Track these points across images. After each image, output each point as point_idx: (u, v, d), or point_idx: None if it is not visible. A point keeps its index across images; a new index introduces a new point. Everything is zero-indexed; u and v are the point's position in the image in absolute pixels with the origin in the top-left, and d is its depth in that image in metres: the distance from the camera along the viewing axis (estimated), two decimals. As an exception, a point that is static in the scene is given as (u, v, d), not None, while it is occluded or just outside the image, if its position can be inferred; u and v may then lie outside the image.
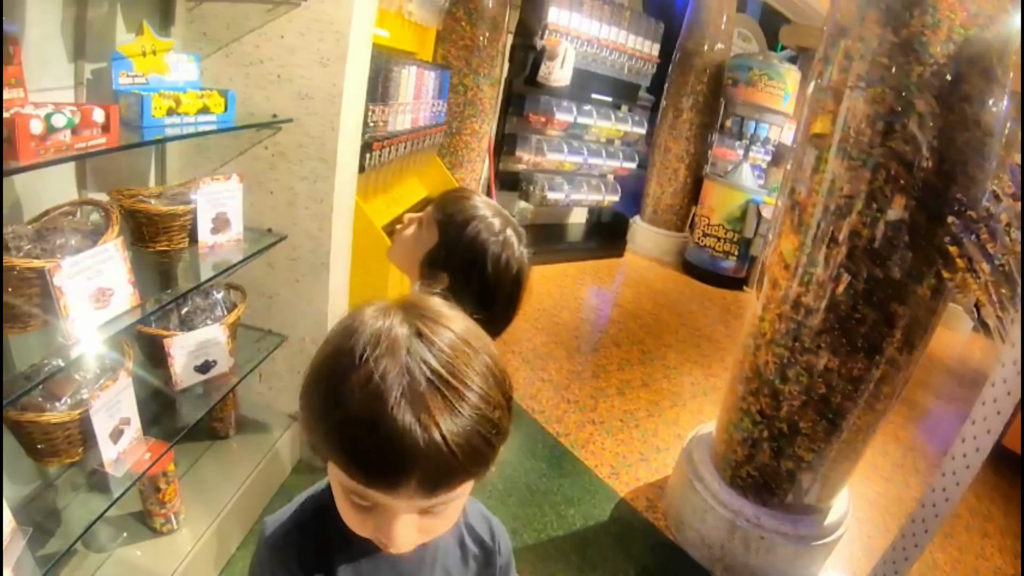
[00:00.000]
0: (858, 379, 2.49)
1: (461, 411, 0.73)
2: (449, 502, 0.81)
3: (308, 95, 2.45)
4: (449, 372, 0.74)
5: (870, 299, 2.37)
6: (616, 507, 3.29)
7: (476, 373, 0.77)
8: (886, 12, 2.19)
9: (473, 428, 0.74)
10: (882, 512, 3.67)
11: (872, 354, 2.44)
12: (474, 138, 5.47)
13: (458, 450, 0.72)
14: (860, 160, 2.28)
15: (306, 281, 2.76)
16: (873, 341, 2.42)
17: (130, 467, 1.91)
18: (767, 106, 7.28)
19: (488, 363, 0.80)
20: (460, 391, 0.74)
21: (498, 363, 0.83)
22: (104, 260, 1.67)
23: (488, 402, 0.76)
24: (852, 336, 2.43)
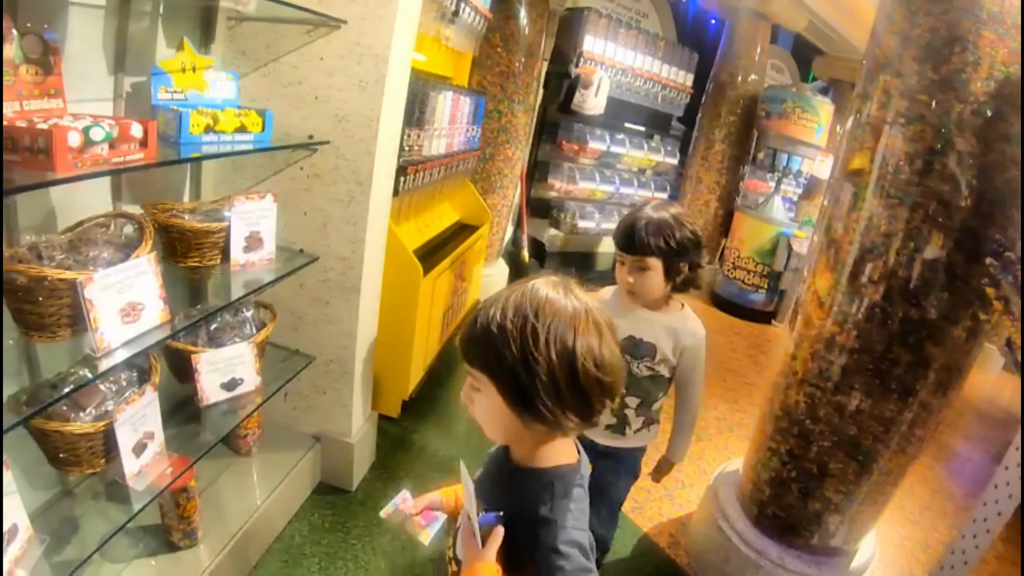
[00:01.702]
0: (890, 421, 2.43)
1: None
2: None
3: (345, 117, 2.46)
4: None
5: (905, 340, 2.32)
6: (639, 542, 3.24)
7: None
8: (926, 49, 2.16)
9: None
10: (908, 557, 3.57)
11: (905, 396, 2.38)
12: (507, 164, 5.48)
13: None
14: (898, 198, 2.24)
15: (336, 303, 2.76)
16: (907, 383, 2.37)
17: (152, 481, 1.90)
18: (800, 139, 7.23)
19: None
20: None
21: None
22: (136, 274, 1.68)
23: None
24: (886, 377, 2.38)
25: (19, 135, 1.36)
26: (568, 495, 1.24)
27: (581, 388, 1.13)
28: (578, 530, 1.22)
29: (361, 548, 2.77)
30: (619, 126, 6.81)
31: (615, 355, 1.18)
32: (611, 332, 1.19)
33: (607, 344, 1.16)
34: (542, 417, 1.15)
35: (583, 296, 1.19)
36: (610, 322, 1.20)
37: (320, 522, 2.87)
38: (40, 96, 1.57)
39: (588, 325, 1.15)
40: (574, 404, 1.15)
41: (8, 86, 1.49)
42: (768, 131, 7.48)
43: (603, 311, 1.19)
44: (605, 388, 1.16)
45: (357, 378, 2.91)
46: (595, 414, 1.19)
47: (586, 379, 1.13)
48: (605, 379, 1.15)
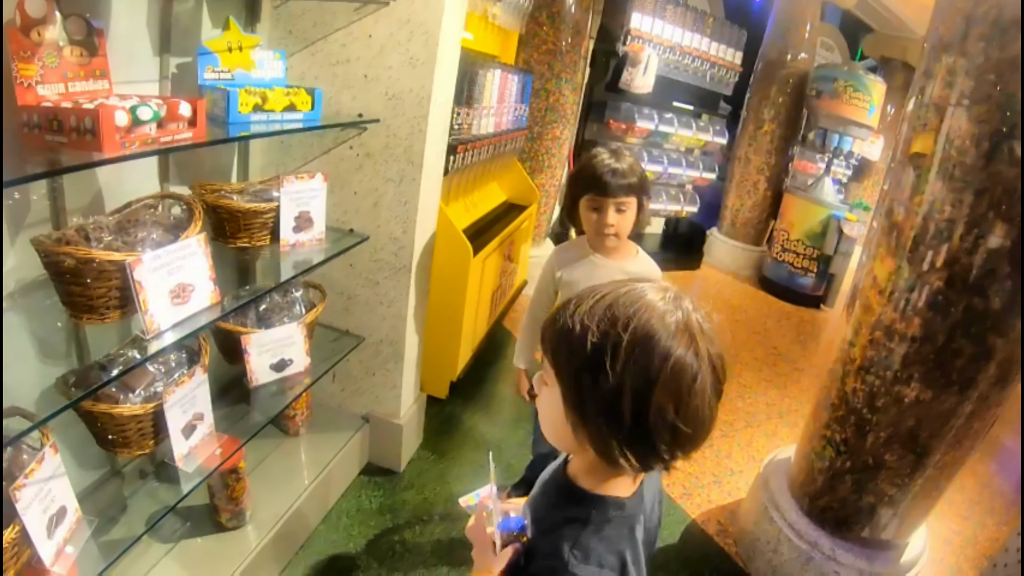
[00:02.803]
0: (949, 413, 2.35)
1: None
2: None
3: (396, 96, 2.42)
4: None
5: (968, 330, 2.22)
6: (687, 529, 3.19)
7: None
8: (992, 27, 2.05)
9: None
10: (956, 552, 3.47)
11: (965, 388, 2.30)
12: (555, 144, 5.42)
13: None
14: (963, 182, 2.14)
15: (387, 283, 2.74)
16: (968, 375, 2.28)
17: (201, 463, 1.91)
18: (851, 119, 7.01)
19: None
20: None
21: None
22: (186, 255, 1.66)
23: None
24: (947, 369, 2.29)
25: (65, 116, 1.35)
26: (600, 533, 1.07)
27: (647, 430, 0.95)
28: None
29: (408, 530, 2.77)
30: (667, 105, 6.67)
31: (707, 406, 0.97)
32: (714, 376, 0.98)
33: (701, 392, 0.95)
34: (593, 441, 1.00)
35: (695, 315, 1.00)
36: (719, 356, 0.99)
37: (368, 503, 2.87)
38: (85, 78, 1.56)
39: (684, 362, 0.94)
40: (633, 442, 0.97)
41: (53, 68, 1.48)
42: (818, 111, 7.27)
43: (714, 348, 0.98)
44: (679, 439, 0.97)
45: (407, 359, 2.90)
46: (658, 462, 1.00)
47: (656, 422, 0.94)
48: (683, 429, 0.95)
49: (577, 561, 1.03)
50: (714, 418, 0.99)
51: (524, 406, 3.93)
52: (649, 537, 1.18)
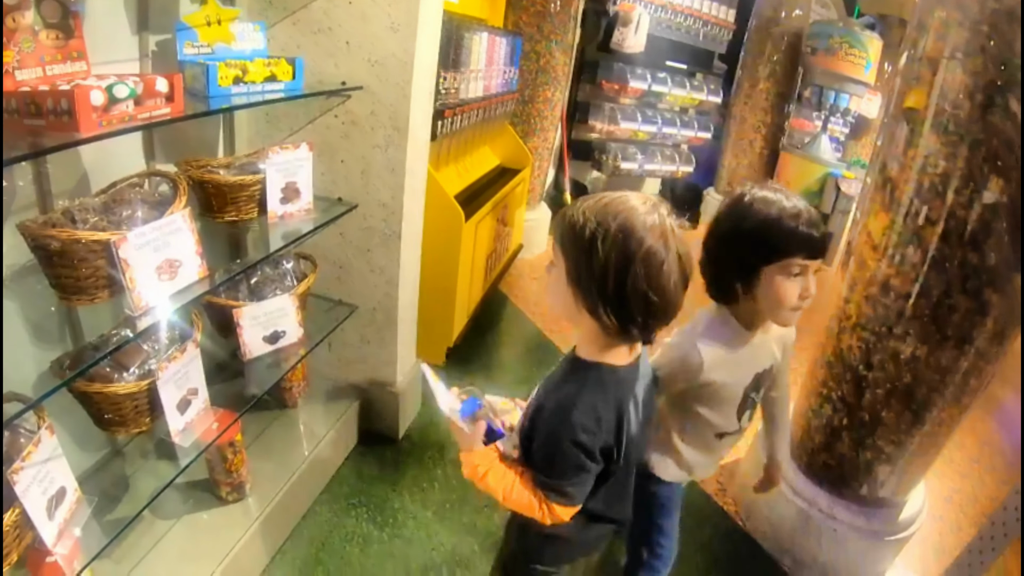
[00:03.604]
0: (946, 370, 2.35)
1: None
2: None
3: (379, 62, 2.39)
4: None
5: (964, 286, 2.21)
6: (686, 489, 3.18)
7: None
8: (988, -24, 2.03)
9: None
10: (956, 510, 3.50)
11: (962, 344, 2.29)
12: (547, 106, 5.38)
13: None
14: (957, 135, 2.12)
15: (378, 251, 2.73)
16: (965, 330, 2.27)
17: (197, 437, 1.92)
18: (848, 75, 6.94)
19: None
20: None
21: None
22: (171, 231, 1.66)
23: None
24: (943, 324, 2.29)
25: (42, 99, 1.33)
26: (595, 392, 1.34)
27: (625, 297, 1.22)
28: (587, 432, 1.32)
29: (409, 497, 2.79)
30: (660, 64, 6.62)
31: (673, 285, 1.24)
32: (679, 264, 1.24)
33: (670, 272, 1.23)
34: (588, 306, 1.27)
35: (668, 219, 1.25)
36: (687, 254, 1.27)
37: (367, 472, 2.89)
38: (63, 60, 1.55)
39: (656, 247, 1.21)
40: (616, 307, 1.24)
41: (29, 53, 1.46)
42: (814, 68, 7.20)
43: (682, 246, 1.25)
44: (651, 308, 1.24)
45: (401, 326, 2.90)
46: (633, 325, 1.27)
47: (633, 291, 1.21)
48: (652, 299, 1.22)
49: (577, 411, 1.31)
50: (680, 302, 1.28)
51: (523, 370, 3.95)
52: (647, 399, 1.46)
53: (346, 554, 2.49)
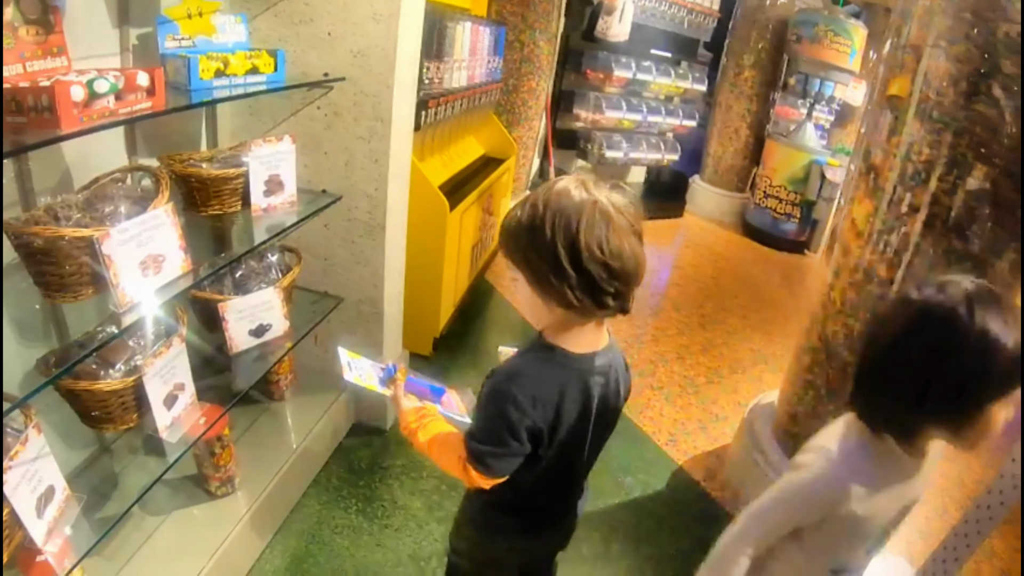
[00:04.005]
0: (930, 356, 2.36)
1: None
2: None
3: (361, 52, 2.38)
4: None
5: (947, 272, 2.21)
6: (674, 476, 3.24)
7: None
8: (970, -36, 2.04)
9: None
10: (942, 494, 3.53)
11: (947, 331, 2.31)
12: (531, 95, 5.39)
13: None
14: (941, 123, 2.13)
15: (362, 242, 2.73)
16: (948, 318, 2.29)
17: (185, 432, 1.91)
18: (832, 64, 6.98)
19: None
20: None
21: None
22: (154, 226, 1.65)
23: None
24: (927, 311, 2.30)
25: (22, 95, 1.32)
26: (541, 367, 1.36)
27: (586, 270, 1.21)
28: (517, 408, 1.31)
29: (399, 488, 2.80)
30: (645, 53, 6.63)
31: (627, 244, 1.23)
32: (624, 220, 1.24)
33: (616, 233, 1.22)
34: (557, 296, 1.26)
35: (597, 190, 1.24)
36: (625, 211, 1.25)
37: (357, 463, 2.90)
38: (43, 56, 1.53)
39: (594, 214, 1.21)
40: (583, 287, 1.23)
41: (9, 49, 1.45)
42: (799, 56, 7.23)
43: (619, 203, 1.25)
44: (614, 272, 1.22)
45: (387, 317, 2.90)
46: (605, 295, 1.25)
47: (591, 262, 1.20)
48: (612, 263, 1.21)
49: (516, 384, 1.32)
50: (641, 257, 1.27)
51: (509, 360, 3.96)
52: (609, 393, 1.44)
53: (336, 546, 2.49)
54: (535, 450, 1.38)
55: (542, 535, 1.66)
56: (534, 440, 1.36)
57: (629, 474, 3.17)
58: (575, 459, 1.49)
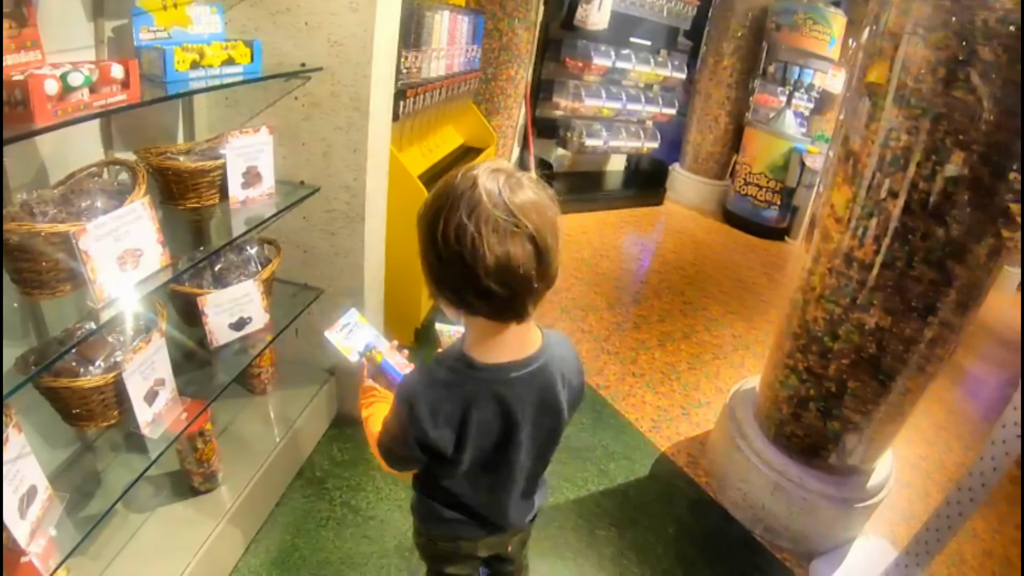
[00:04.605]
0: (910, 340, 2.40)
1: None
2: None
3: (339, 42, 2.37)
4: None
5: (927, 257, 2.26)
6: (657, 462, 3.26)
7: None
8: (949, -48, 2.06)
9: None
10: (924, 477, 3.59)
11: (926, 315, 2.34)
12: (510, 84, 5.36)
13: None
14: (919, 109, 2.16)
15: (342, 233, 2.71)
16: (928, 301, 2.32)
17: (167, 428, 1.89)
18: (812, 51, 7.02)
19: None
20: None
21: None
22: (131, 221, 1.63)
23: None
24: (907, 295, 2.33)
25: (-4, 90, 1.30)
26: (450, 384, 1.30)
27: (447, 262, 1.15)
28: (411, 418, 1.29)
29: (382, 478, 2.80)
30: (624, 41, 6.64)
31: (493, 239, 1.11)
32: (501, 214, 1.11)
33: (481, 224, 1.10)
34: (460, 307, 1.23)
35: (490, 180, 1.14)
36: (511, 204, 1.12)
37: (340, 455, 2.89)
38: (16, 50, 1.50)
39: (460, 202, 1.12)
40: (449, 279, 1.18)
41: (-21, 43, 1.42)
42: (779, 44, 7.26)
43: (506, 196, 1.12)
44: (471, 267, 1.12)
45: (368, 308, 2.89)
46: (474, 294, 1.17)
47: (448, 252, 1.13)
48: (466, 256, 1.11)
49: (416, 391, 1.30)
50: (512, 255, 1.12)
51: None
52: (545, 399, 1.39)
53: (321, 539, 2.49)
54: (447, 456, 1.35)
55: (475, 533, 1.62)
56: (436, 451, 1.33)
57: (612, 461, 3.19)
58: (507, 464, 1.44)
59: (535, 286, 1.17)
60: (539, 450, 1.48)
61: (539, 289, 1.19)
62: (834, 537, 2.82)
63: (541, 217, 1.14)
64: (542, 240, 1.14)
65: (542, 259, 1.15)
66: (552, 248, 1.17)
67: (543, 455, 1.53)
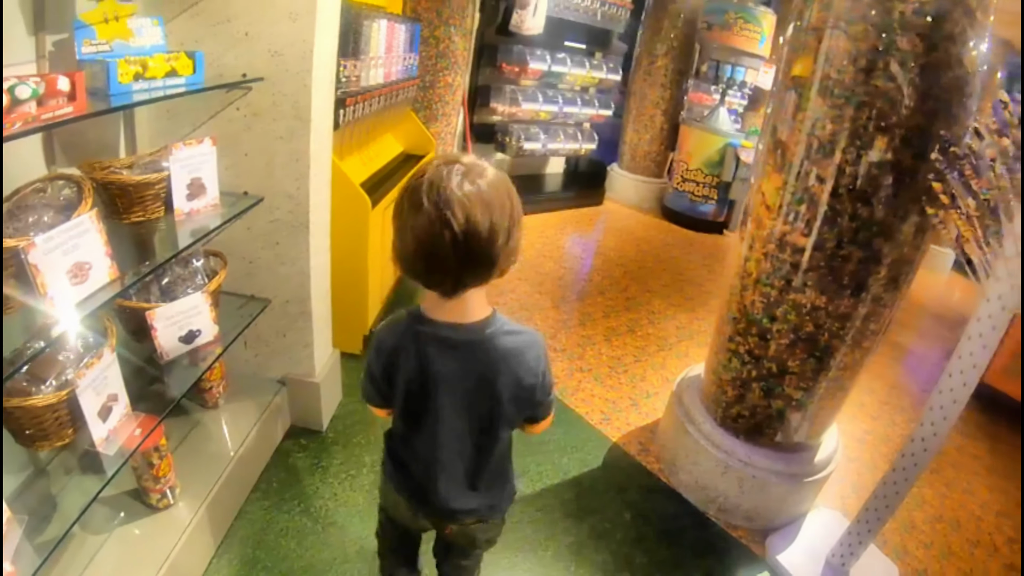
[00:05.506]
0: (845, 317, 2.50)
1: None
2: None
3: (279, 52, 2.37)
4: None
5: (855, 237, 2.37)
6: (609, 452, 3.33)
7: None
8: (867, -53, 2.16)
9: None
10: (870, 450, 3.73)
11: (859, 292, 2.45)
12: (448, 91, 5.39)
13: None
14: (842, 98, 2.27)
15: (286, 243, 2.71)
16: (859, 279, 2.43)
17: (121, 444, 1.88)
18: (743, 49, 7.21)
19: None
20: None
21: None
22: (79, 234, 1.62)
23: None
24: (838, 274, 2.44)
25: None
26: (399, 326, 1.53)
27: (395, 237, 1.39)
28: (374, 346, 1.57)
29: (339, 485, 2.80)
30: (559, 45, 6.72)
31: (410, 221, 1.31)
32: (428, 201, 1.27)
33: (407, 205, 1.32)
34: (398, 266, 1.45)
35: (441, 172, 1.29)
36: (442, 192, 1.26)
37: (296, 465, 2.88)
38: (-45, 66, 1.49)
39: (410, 185, 1.34)
40: (396, 251, 1.41)
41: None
42: (710, 43, 7.44)
43: (445, 187, 1.27)
44: (412, 256, 1.35)
45: (315, 317, 2.89)
46: (403, 263, 1.41)
47: (395, 229, 1.39)
48: (394, 232, 1.39)
49: (384, 325, 1.57)
50: (420, 239, 1.30)
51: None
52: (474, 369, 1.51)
53: (282, 549, 2.48)
54: (387, 392, 1.59)
55: (408, 489, 1.73)
56: (379, 384, 1.59)
57: (565, 454, 3.24)
58: (431, 424, 1.57)
59: (458, 270, 1.33)
60: (474, 431, 1.58)
61: (465, 273, 1.35)
62: (787, 512, 2.91)
63: (474, 208, 1.26)
64: (466, 229, 1.26)
65: (466, 247, 1.28)
66: (481, 237, 1.28)
67: (480, 443, 1.61)
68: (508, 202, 1.33)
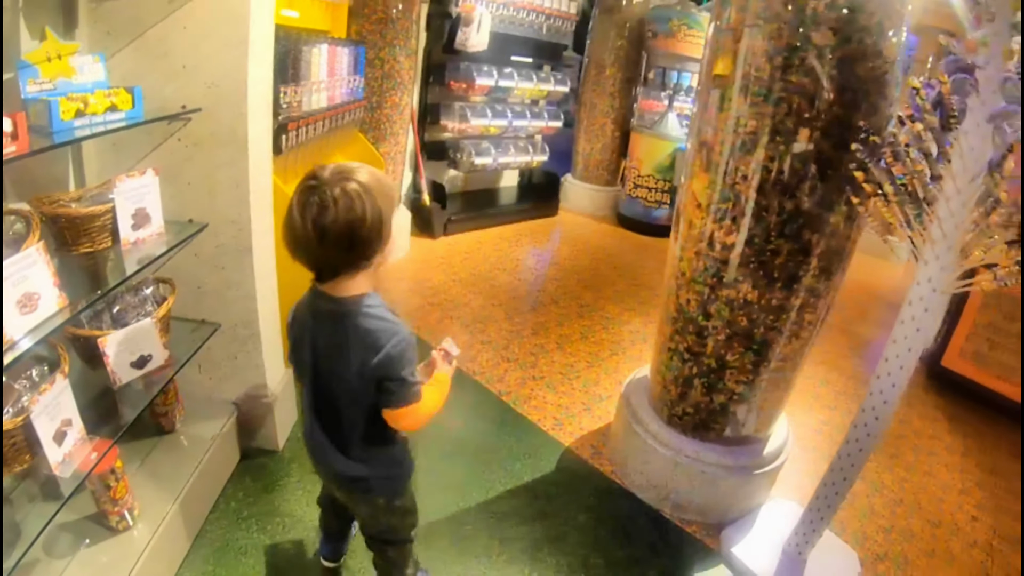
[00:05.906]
0: (779, 309, 2.58)
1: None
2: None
3: (215, 83, 2.44)
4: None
5: (783, 231, 2.44)
6: (562, 457, 3.38)
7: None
8: (778, -54, 2.26)
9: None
10: (827, 440, 3.82)
11: (791, 284, 2.53)
12: (395, 111, 5.46)
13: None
14: (761, 95, 2.34)
15: (231, 267, 2.77)
16: (790, 271, 2.51)
17: (77, 467, 1.93)
18: (688, 55, 7.32)
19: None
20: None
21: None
22: (27, 265, 1.69)
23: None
24: (769, 268, 2.51)
25: None
26: (299, 298, 1.92)
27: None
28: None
29: (296, 502, 2.86)
30: (506, 60, 6.81)
31: (295, 212, 1.60)
32: (304, 197, 1.59)
33: (296, 198, 1.61)
34: None
35: (309, 176, 1.63)
36: (319, 186, 1.59)
37: (253, 485, 2.93)
38: (-101, 108, 1.55)
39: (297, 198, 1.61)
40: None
41: None
42: (656, 50, 7.56)
43: (330, 183, 1.60)
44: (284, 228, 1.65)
45: (265, 338, 2.95)
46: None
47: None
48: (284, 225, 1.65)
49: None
50: (294, 230, 1.61)
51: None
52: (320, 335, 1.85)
53: (243, 566, 2.53)
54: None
55: (308, 449, 2.03)
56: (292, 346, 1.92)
57: (518, 461, 3.31)
58: (308, 383, 1.91)
59: (320, 259, 1.68)
60: (340, 398, 1.85)
61: (326, 262, 1.69)
62: (740, 505, 2.99)
63: (334, 208, 1.56)
64: (323, 223, 1.56)
65: (322, 240, 1.58)
66: (333, 232, 1.58)
67: (347, 412, 1.87)
68: (368, 199, 1.61)
